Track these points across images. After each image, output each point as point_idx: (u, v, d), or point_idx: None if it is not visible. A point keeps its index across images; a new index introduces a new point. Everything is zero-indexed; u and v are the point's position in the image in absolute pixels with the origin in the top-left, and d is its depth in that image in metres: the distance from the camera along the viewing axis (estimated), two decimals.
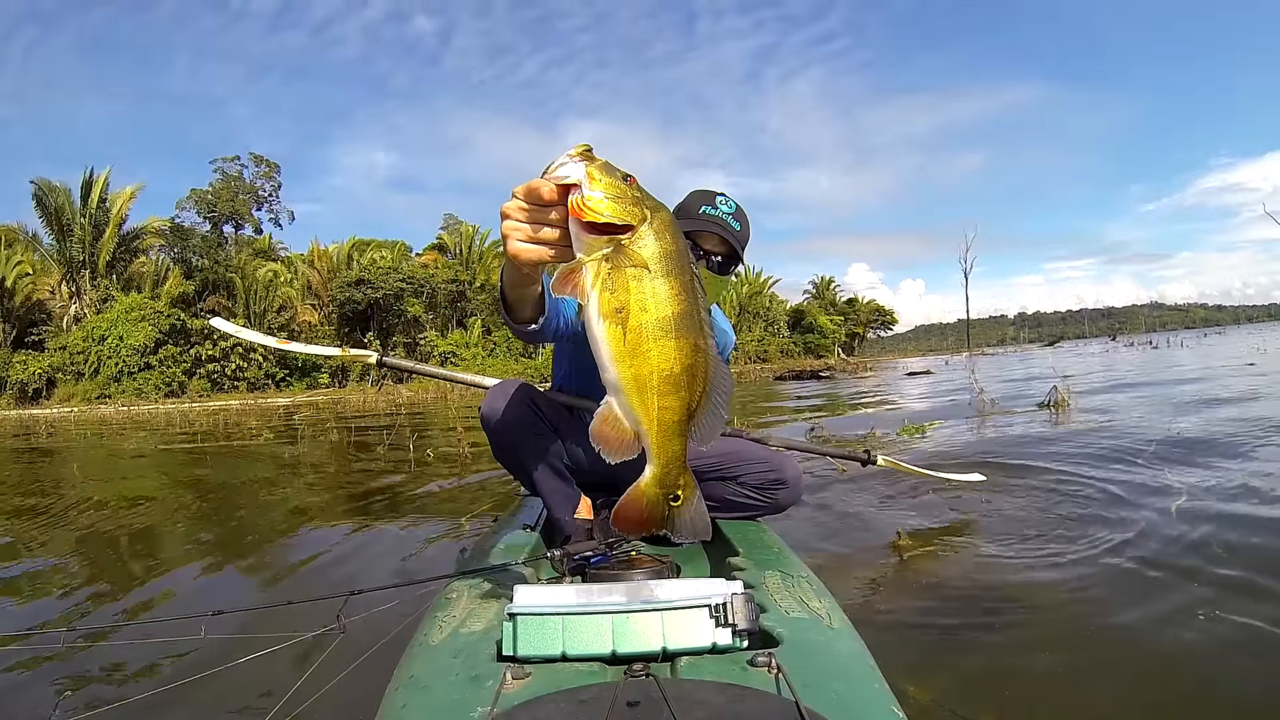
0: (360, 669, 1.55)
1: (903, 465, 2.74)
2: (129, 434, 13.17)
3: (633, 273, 0.90)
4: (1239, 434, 4.47)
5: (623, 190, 0.91)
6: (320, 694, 1.54)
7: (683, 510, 1.01)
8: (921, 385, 14.40)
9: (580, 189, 0.90)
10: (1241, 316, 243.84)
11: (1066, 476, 3.68)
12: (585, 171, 0.91)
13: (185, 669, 1.66)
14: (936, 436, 5.84)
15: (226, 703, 1.56)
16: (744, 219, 1.94)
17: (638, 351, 0.92)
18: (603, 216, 0.89)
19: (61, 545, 3.48)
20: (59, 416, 23.91)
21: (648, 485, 0.99)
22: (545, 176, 0.93)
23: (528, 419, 1.88)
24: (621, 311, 0.90)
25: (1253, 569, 2.17)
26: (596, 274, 0.91)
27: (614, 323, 0.91)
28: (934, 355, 48.78)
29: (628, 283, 0.90)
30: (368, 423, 12.02)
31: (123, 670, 1.87)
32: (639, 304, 0.91)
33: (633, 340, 0.91)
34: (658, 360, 0.92)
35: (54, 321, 36.08)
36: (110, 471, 7.08)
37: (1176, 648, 1.76)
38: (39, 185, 34.86)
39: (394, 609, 1.74)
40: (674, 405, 0.94)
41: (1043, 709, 1.57)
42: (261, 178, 45.33)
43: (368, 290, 38.88)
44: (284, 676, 1.56)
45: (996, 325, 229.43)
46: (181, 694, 1.65)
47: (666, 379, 0.93)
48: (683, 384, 0.94)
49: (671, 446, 0.96)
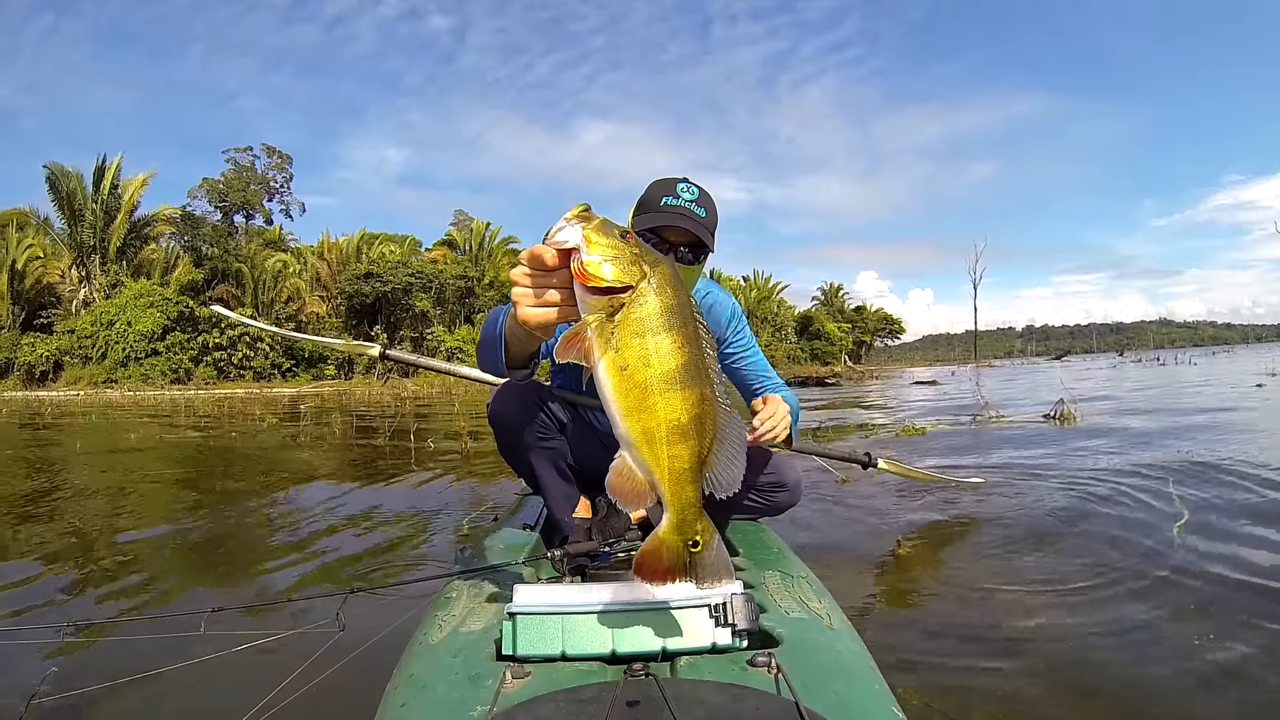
0: (360, 667, 1.56)
1: (904, 468, 2.73)
2: (133, 420, 13.22)
3: (635, 329, 0.92)
4: (1243, 456, 4.45)
5: (621, 249, 0.93)
6: (320, 692, 1.55)
7: (704, 555, 1.01)
8: (927, 394, 14.36)
9: (580, 253, 0.92)
10: (1250, 335, 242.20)
11: (1068, 487, 3.67)
12: (583, 235, 0.92)
13: (185, 665, 1.66)
14: (938, 444, 5.82)
15: (226, 699, 1.56)
16: (708, 203, 1.89)
17: (644, 405, 0.93)
18: (605, 280, 0.91)
19: (61, 540, 3.48)
20: (64, 399, 24.04)
21: (666, 534, 1.00)
22: (547, 242, 0.95)
23: (534, 417, 1.87)
24: (626, 369, 0.92)
25: (1244, 589, 2.18)
26: (600, 334, 0.92)
27: (620, 379, 0.92)
28: (940, 365, 48.75)
29: (630, 340, 0.92)
30: (372, 415, 12.04)
31: (122, 666, 1.87)
32: (642, 360, 0.92)
33: (638, 395, 0.93)
34: (664, 412, 0.93)
35: (63, 305, 36.29)
36: (112, 461, 7.11)
37: (1171, 664, 1.75)
38: (52, 169, 35.05)
39: (394, 607, 1.74)
40: (684, 454, 0.95)
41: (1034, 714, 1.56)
42: (273, 169, 45.49)
43: (376, 284, 38.95)
44: (284, 674, 1.56)
45: (1004, 337, 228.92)
46: (181, 690, 1.65)
47: (674, 429, 0.94)
48: (691, 433, 0.95)
49: (685, 494, 0.97)
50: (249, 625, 1.83)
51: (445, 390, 21.48)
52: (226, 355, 33.84)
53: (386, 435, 7.96)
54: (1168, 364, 25.76)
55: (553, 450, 1.93)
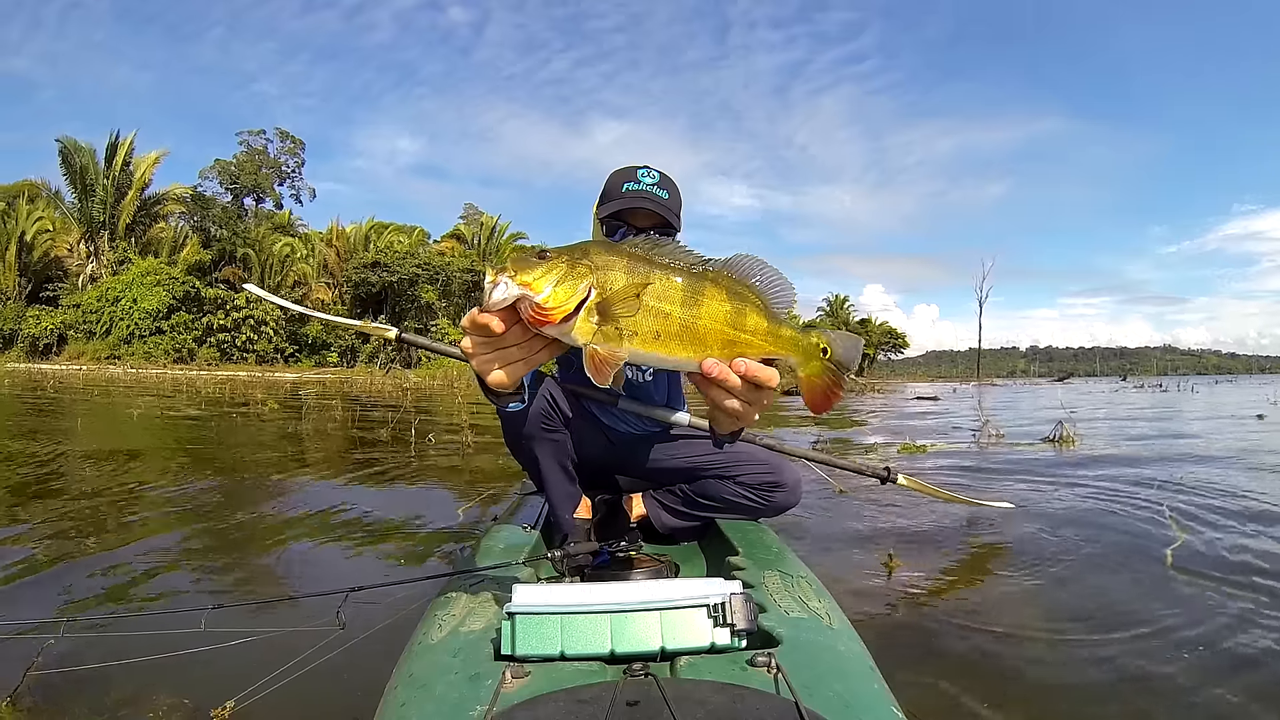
0: (360, 666, 1.56)
1: (926, 486, 2.67)
2: (135, 397, 13.24)
3: (628, 307, 0.92)
4: (1237, 484, 4.48)
5: (554, 269, 0.91)
6: (320, 691, 1.55)
7: (838, 350, 1.06)
8: (928, 410, 14.35)
9: (528, 300, 0.90)
10: (1254, 366, 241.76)
11: (1065, 505, 3.70)
12: (518, 283, 0.90)
13: (184, 662, 1.67)
14: (938, 461, 5.82)
15: (226, 697, 1.57)
16: (670, 186, 1.93)
17: (695, 339, 0.94)
18: (566, 306, 0.90)
19: (60, 535, 3.49)
20: (67, 373, 24.08)
21: (806, 370, 1.05)
22: (484, 310, 0.93)
23: (544, 412, 1.88)
24: (658, 335, 0.93)
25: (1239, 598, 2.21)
26: (609, 339, 0.92)
27: (660, 345, 0.93)
28: (943, 382, 48.62)
29: (637, 316, 0.92)
30: (374, 405, 12.05)
31: (121, 663, 1.88)
32: (660, 315, 0.93)
33: (685, 340, 0.94)
34: (715, 326, 0.94)
35: (70, 279, 36.40)
36: (114, 440, 7.12)
37: (1162, 663, 1.78)
38: (65, 144, 35.19)
39: (394, 606, 1.75)
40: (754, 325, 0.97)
41: None
42: (286, 153, 45.83)
43: (383, 273, 39.02)
44: (284, 672, 1.57)
45: (1007, 356, 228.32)
46: (181, 688, 1.65)
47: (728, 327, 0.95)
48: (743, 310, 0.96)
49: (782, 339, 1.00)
50: (249, 622, 1.83)
51: (448, 382, 21.47)
52: (230, 337, 33.93)
53: (390, 428, 7.96)
54: (1170, 390, 25.74)
55: (557, 444, 1.94)
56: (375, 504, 4.05)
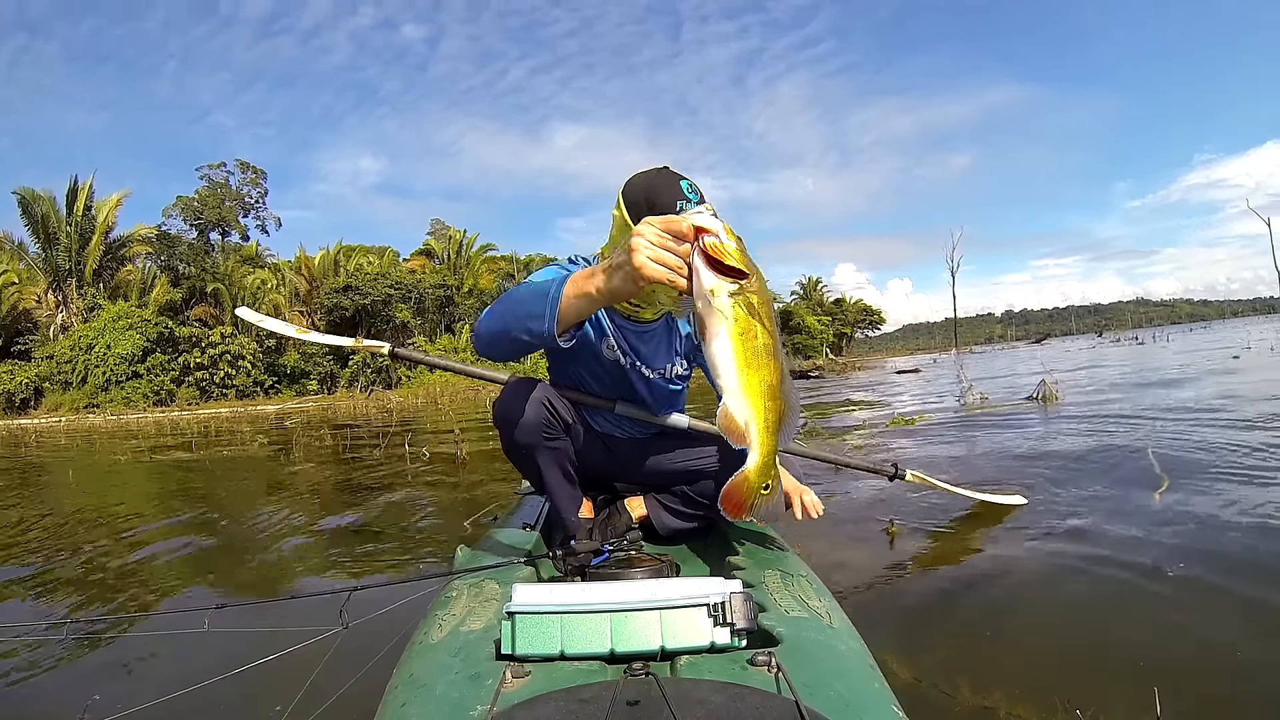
0: (360, 666, 1.56)
1: (935, 482, 2.67)
2: (120, 443, 13.06)
3: (750, 308, 1.12)
4: (1217, 420, 4.61)
5: (740, 245, 1.14)
6: (320, 690, 1.55)
7: (771, 498, 1.22)
8: (911, 382, 14.46)
9: (718, 236, 1.12)
10: (1226, 311, 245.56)
11: (1054, 465, 3.75)
12: (721, 226, 1.13)
13: (187, 662, 1.67)
14: (927, 432, 5.88)
15: (227, 697, 1.57)
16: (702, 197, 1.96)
17: (753, 365, 1.14)
18: (737, 262, 1.11)
19: (59, 547, 3.46)
20: (47, 426, 23.70)
21: (751, 474, 1.18)
22: (683, 217, 1.16)
23: (543, 418, 1.87)
24: (745, 334, 1.12)
25: (1217, 557, 2.24)
26: (732, 303, 1.12)
27: (741, 342, 1.12)
28: (922, 354, 48.96)
29: (747, 315, 1.12)
30: (359, 430, 11.97)
31: (123, 662, 1.87)
32: (753, 332, 1.13)
33: (749, 358, 1.13)
34: (766, 374, 1.14)
35: (40, 331, 35.75)
36: (103, 481, 7.04)
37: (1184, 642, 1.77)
38: (23, 194, 34.59)
39: (394, 607, 1.74)
40: (772, 409, 1.16)
41: (1028, 689, 1.59)
42: (248, 184, 45.23)
43: (355, 296, 38.66)
44: (284, 672, 1.57)
45: (984, 323, 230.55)
46: (182, 687, 1.65)
47: (769, 388, 1.15)
48: (778, 394, 1.16)
49: (770, 442, 1.17)
50: (252, 623, 1.83)
51: (430, 400, 21.36)
52: (208, 375, 33.45)
53: (383, 439, 7.91)
54: (1146, 343, 26.12)
55: (558, 450, 1.93)
56: (374, 509, 4.05)
